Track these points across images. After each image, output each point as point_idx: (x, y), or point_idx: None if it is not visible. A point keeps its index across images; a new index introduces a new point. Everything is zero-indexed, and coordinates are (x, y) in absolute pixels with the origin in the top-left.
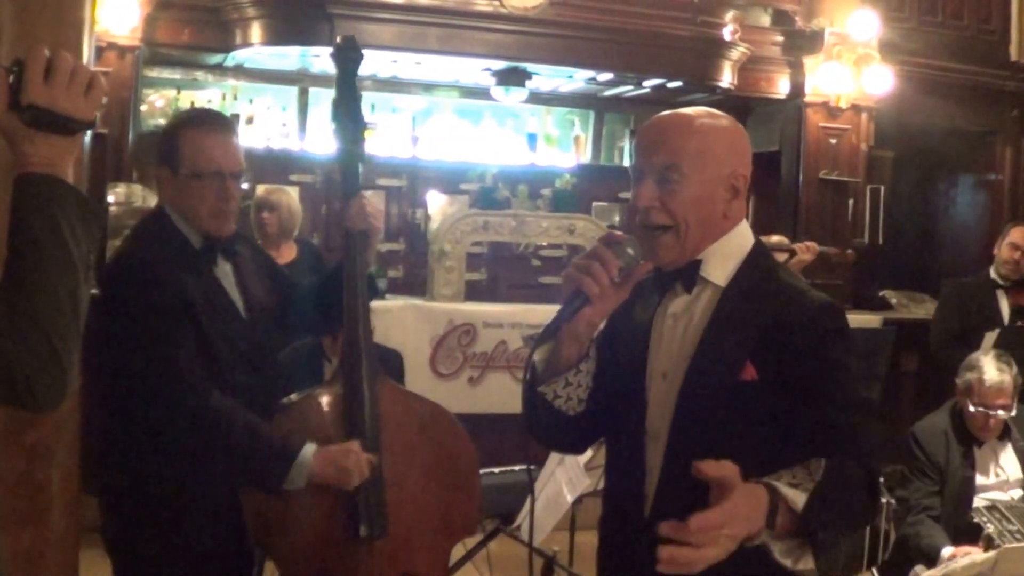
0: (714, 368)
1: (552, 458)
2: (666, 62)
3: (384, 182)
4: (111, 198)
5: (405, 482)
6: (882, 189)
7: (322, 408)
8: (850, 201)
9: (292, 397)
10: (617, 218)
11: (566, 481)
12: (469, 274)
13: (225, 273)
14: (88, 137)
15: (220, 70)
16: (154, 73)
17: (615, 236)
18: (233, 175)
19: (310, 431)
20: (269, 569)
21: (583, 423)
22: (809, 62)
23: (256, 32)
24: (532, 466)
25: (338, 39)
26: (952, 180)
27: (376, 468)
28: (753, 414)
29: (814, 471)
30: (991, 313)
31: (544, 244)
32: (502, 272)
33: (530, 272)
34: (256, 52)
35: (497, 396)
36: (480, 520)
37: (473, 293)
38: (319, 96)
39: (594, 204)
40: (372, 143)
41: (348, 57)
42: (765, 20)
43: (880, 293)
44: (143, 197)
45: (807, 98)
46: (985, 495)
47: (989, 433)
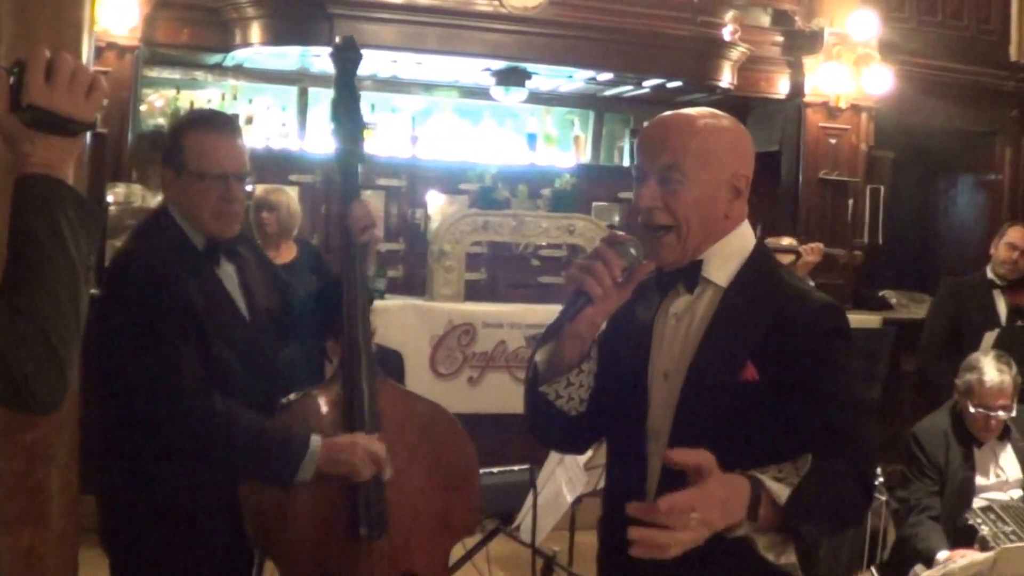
0: (715, 368)
1: (552, 458)
2: (666, 62)
3: (384, 182)
4: (110, 198)
5: (405, 482)
6: (882, 189)
7: (322, 407)
8: (850, 201)
9: (292, 397)
10: (617, 218)
11: (566, 481)
12: (469, 274)
13: (228, 274)
14: (87, 137)
15: (220, 70)
16: (153, 73)
17: (617, 236)
18: (237, 177)
19: (309, 430)
20: (269, 569)
21: (584, 423)
22: (809, 62)
23: (256, 32)
24: (530, 467)
25: (337, 39)
26: (952, 180)
27: (379, 471)
28: (754, 414)
29: (801, 466)
30: (989, 313)
31: (544, 244)
32: (502, 272)
33: (530, 272)
34: (256, 52)
35: (497, 396)
36: (480, 520)
37: (473, 293)
38: (319, 96)
39: (594, 204)
40: (372, 143)
41: (347, 57)
42: (765, 20)
43: (880, 293)
44: (142, 197)
45: (807, 98)
46: (985, 495)
47: (989, 434)
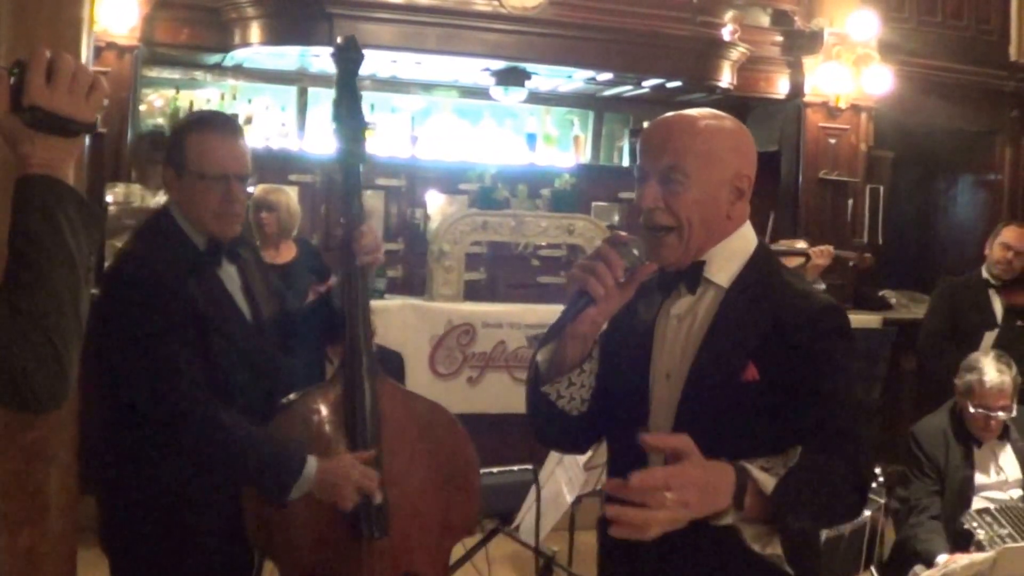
0: (716, 368)
1: (551, 458)
2: (665, 62)
3: (383, 182)
4: (110, 198)
5: (405, 482)
6: (881, 189)
7: (322, 408)
8: (849, 201)
9: (292, 397)
10: (616, 218)
11: (566, 481)
12: (468, 274)
13: (230, 276)
14: (87, 137)
15: (219, 70)
16: (153, 73)
17: (620, 237)
18: (239, 178)
19: (310, 431)
20: (269, 569)
21: (586, 423)
22: (808, 62)
23: (255, 32)
24: (533, 467)
25: (339, 39)
26: (951, 180)
27: (377, 466)
28: (755, 414)
29: (789, 459)
30: (985, 313)
31: (543, 244)
32: (501, 272)
33: (529, 272)
34: (255, 52)
35: (496, 396)
36: (479, 520)
37: (472, 293)
38: (318, 96)
39: (593, 204)
40: (371, 143)
41: (349, 57)
42: (764, 20)
43: (880, 293)
44: (142, 197)
45: (806, 98)
46: (984, 494)
47: (989, 434)
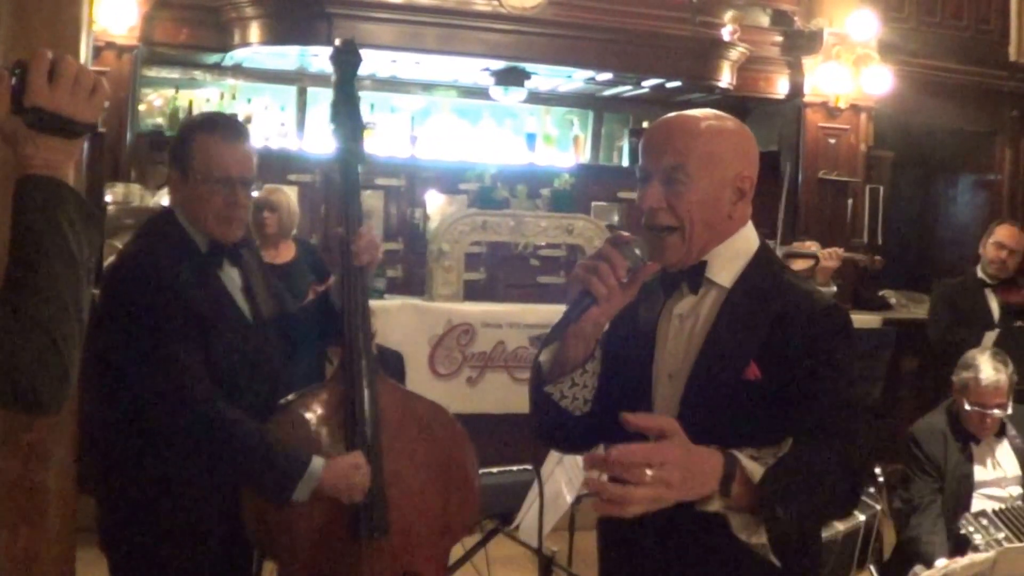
0: (719, 367)
1: (551, 458)
2: (665, 62)
3: (383, 182)
4: (109, 197)
5: (405, 481)
6: (881, 189)
7: (321, 408)
8: (849, 201)
9: (291, 397)
10: (616, 217)
11: (565, 481)
12: (468, 274)
13: (231, 277)
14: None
15: (218, 70)
16: (152, 72)
17: (622, 237)
18: (243, 182)
19: (309, 431)
20: (268, 569)
21: (588, 423)
22: (808, 62)
23: (254, 32)
24: (534, 466)
25: (337, 41)
26: (951, 180)
27: (376, 467)
28: (757, 413)
29: (780, 450)
30: (982, 312)
31: (543, 244)
32: (501, 272)
33: (529, 272)
34: (254, 52)
35: (496, 396)
36: (479, 520)
37: (472, 293)
38: (318, 96)
39: (593, 204)
40: (371, 143)
41: (347, 60)
42: (764, 20)
43: (880, 293)
44: (141, 197)
45: (806, 98)
46: (984, 491)
47: (986, 431)
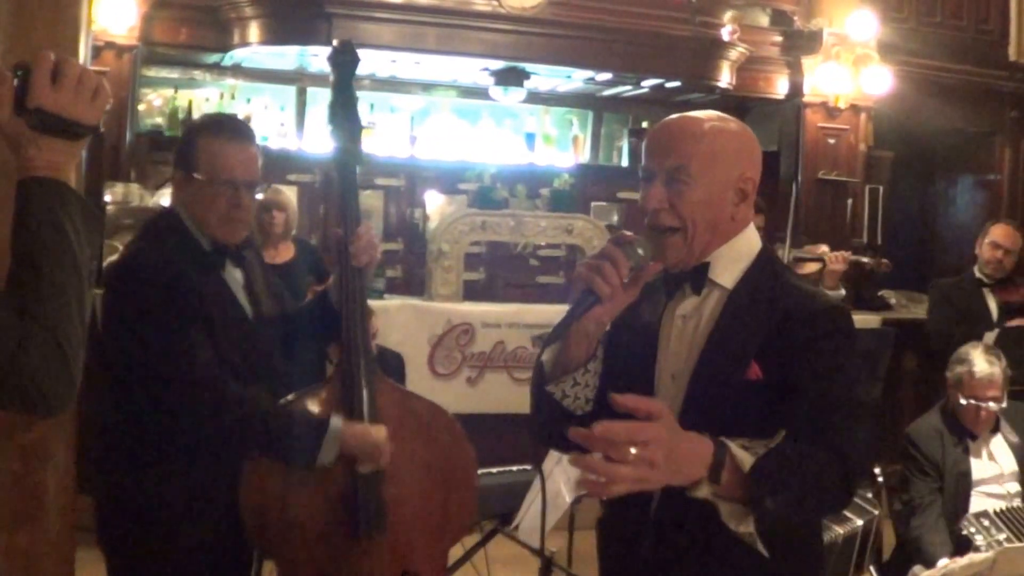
0: (721, 368)
1: (550, 458)
2: (665, 62)
3: (382, 182)
4: (108, 197)
5: (404, 481)
6: (881, 189)
7: (321, 407)
8: (849, 201)
9: (291, 397)
10: (616, 218)
11: (564, 481)
12: (467, 274)
13: (234, 278)
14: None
15: (218, 69)
16: (152, 72)
17: (625, 236)
18: (247, 184)
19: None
20: (268, 569)
21: (590, 422)
22: (808, 62)
23: (254, 31)
24: (534, 467)
25: (335, 42)
26: (951, 180)
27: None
28: (760, 412)
29: (772, 442)
30: (981, 312)
31: (542, 244)
32: (500, 272)
33: (528, 272)
34: (254, 51)
35: (495, 396)
36: (478, 520)
37: (471, 293)
38: (317, 96)
39: (592, 204)
40: (370, 143)
41: (345, 60)
42: (764, 20)
43: (879, 293)
44: (140, 196)
45: (806, 98)
46: (982, 489)
47: (981, 426)
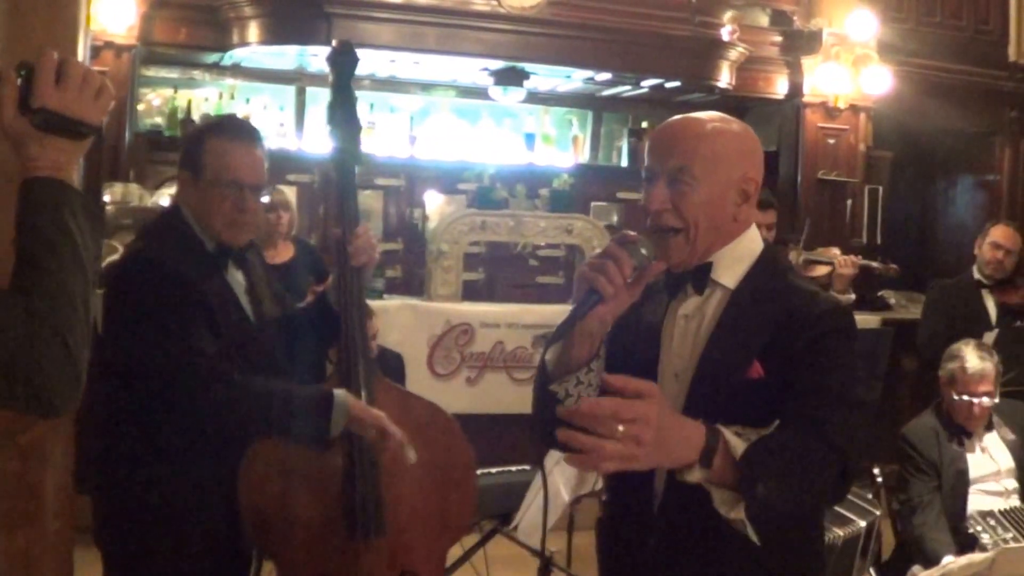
0: (723, 366)
1: (550, 457)
2: (664, 62)
3: (382, 182)
4: (107, 197)
5: (403, 481)
6: (880, 189)
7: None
8: (848, 201)
9: None
10: (615, 218)
11: (563, 481)
12: (467, 274)
13: (236, 280)
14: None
15: (217, 69)
16: (151, 72)
17: (629, 236)
18: (253, 187)
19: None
20: (267, 569)
21: None
22: (807, 62)
23: (253, 31)
24: (534, 466)
25: (334, 43)
26: (950, 181)
27: (374, 466)
28: (760, 411)
29: (765, 431)
30: (979, 313)
31: (542, 244)
32: (500, 272)
33: (528, 272)
34: (253, 51)
35: (494, 396)
36: (477, 521)
37: (471, 293)
38: (316, 96)
39: (592, 204)
40: (370, 142)
41: (344, 61)
42: (763, 20)
43: (879, 293)
44: (139, 196)
45: (805, 98)
46: (980, 486)
47: (976, 423)
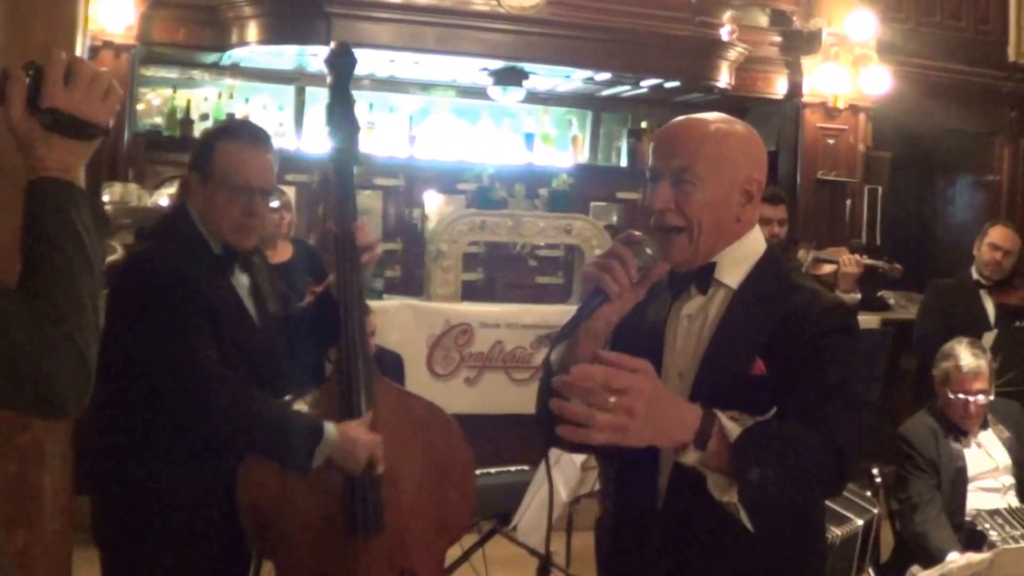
0: (725, 364)
1: (550, 456)
2: (664, 62)
3: (381, 182)
4: (106, 197)
5: (402, 480)
6: (879, 190)
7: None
8: (848, 201)
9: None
10: (615, 218)
11: (562, 482)
12: (466, 274)
13: (241, 283)
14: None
15: (216, 69)
16: (150, 72)
17: (634, 236)
18: (262, 192)
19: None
20: (267, 569)
21: None
22: (807, 62)
23: (252, 31)
24: (536, 464)
25: (332, 45)
26: (950, 181)
27: (373, 465)
28: (762, 408)
29: (762, 419)
30: (977, 314)
31: (541, 244)
32: (499, 272)
33: (527, 272)
34: (252, 51)
35: (493, 396)
36: (476, 521)
37: (470, 293)
38: (316, 95)
39: (591, 204)
40: (369, 142)
41: (342, 63)
42: (763, 20)
43: (878, 293)
44: (139, 196)
45: (805, 98)
46: (979, 484)
47: (972, 421)
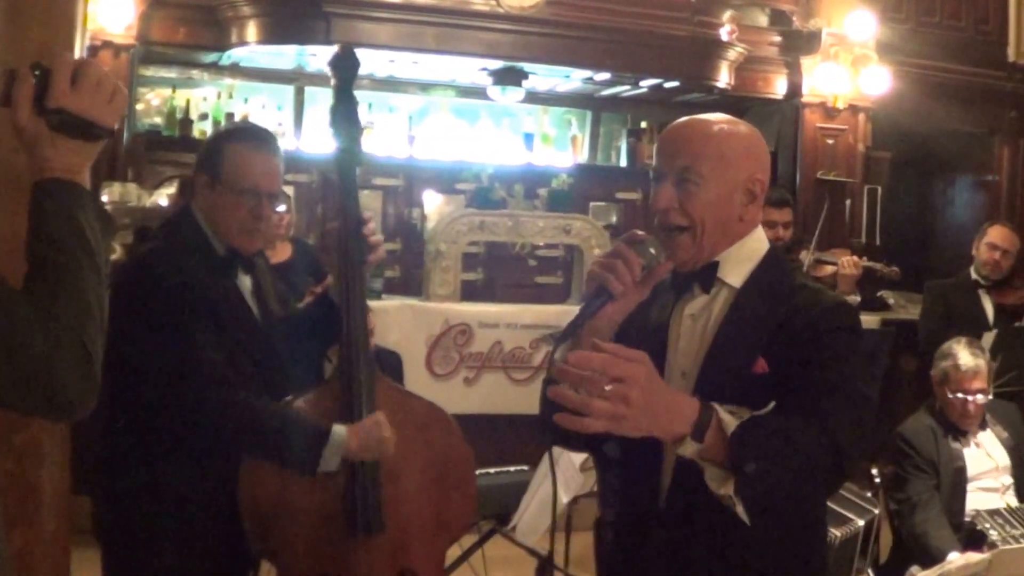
0: (728, 362)
1: (548, 458)
2: (663, 62)
3: (381, 181)
4: (105, 197)
5: (402, 480)
6: (879, 190)
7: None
8: (847, 202)
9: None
10: (614, 218)
11: (562, 482)
12: (465, 274)
13: (244, 285)
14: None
15: (216, 69)
16: (149, 72)
17: (637, 235)
18: (269, 196)
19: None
20: (267, 569)
21: None
22: (806, 62)
23: (252, 31)
24: (533, 467)
25: (336, 48)
26: (949, 181)
27: (373, 465)
28: (764, 405)
29: (759, 413)
30: (976, 314)
31: (540, 244)
32: (498, 272)
33: (526, 272)
34: (252, 51)
35: (493, 396)
36: (476, 521)
37: (469, 293)
38: (315, 95)
39: (591, 204)
40: (369, 142)
41: (346, 66)
42: (762, 20)
43: (878, 294)
44: (138, 196)
45: (804, 98)
46: (978, 483)
47: (970, 420)
